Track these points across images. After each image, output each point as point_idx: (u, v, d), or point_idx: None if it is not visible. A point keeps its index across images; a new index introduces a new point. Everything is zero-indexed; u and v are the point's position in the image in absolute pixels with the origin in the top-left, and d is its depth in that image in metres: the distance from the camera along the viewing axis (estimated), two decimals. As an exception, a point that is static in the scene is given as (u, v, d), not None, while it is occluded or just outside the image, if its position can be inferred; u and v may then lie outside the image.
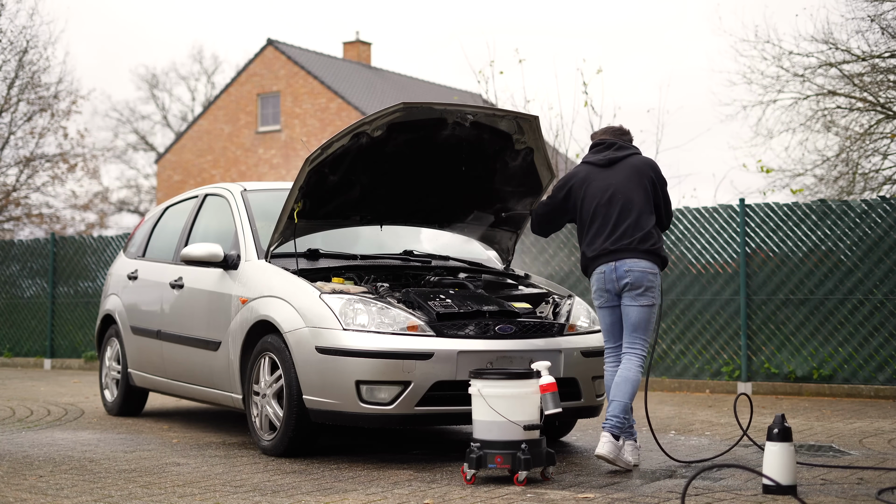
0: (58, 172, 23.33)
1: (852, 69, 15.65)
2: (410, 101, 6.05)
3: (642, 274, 5.57)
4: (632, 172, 5.71)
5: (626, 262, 5.57)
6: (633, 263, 5.58)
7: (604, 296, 5.67)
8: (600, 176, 5.74)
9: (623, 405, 5.48)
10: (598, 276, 5.67)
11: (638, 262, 5.58)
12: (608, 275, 5.61)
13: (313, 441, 6.09)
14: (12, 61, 20.91)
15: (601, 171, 5.76)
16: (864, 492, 4.84)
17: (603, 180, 5.71)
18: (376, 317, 5.80)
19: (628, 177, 5.69)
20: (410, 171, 6.65)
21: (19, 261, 15.53)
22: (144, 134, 47.07)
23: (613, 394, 5.54)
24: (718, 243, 10.60)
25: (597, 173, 5.76)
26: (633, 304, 5.61)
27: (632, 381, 5.53)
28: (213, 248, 6.78)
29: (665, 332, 10.77)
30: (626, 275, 5.56)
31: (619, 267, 5.58)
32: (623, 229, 5.60)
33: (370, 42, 37.63)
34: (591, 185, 5.73)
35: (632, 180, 5.68)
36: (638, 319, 5.60)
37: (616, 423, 5.45)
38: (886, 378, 9.59)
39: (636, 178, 5.69)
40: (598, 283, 5.67)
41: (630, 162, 5.76)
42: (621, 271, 5.57)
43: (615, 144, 5.84)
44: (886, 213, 9.73)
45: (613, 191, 5.65)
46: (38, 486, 5.17)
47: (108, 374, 8.52)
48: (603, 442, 5.42)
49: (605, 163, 5.77)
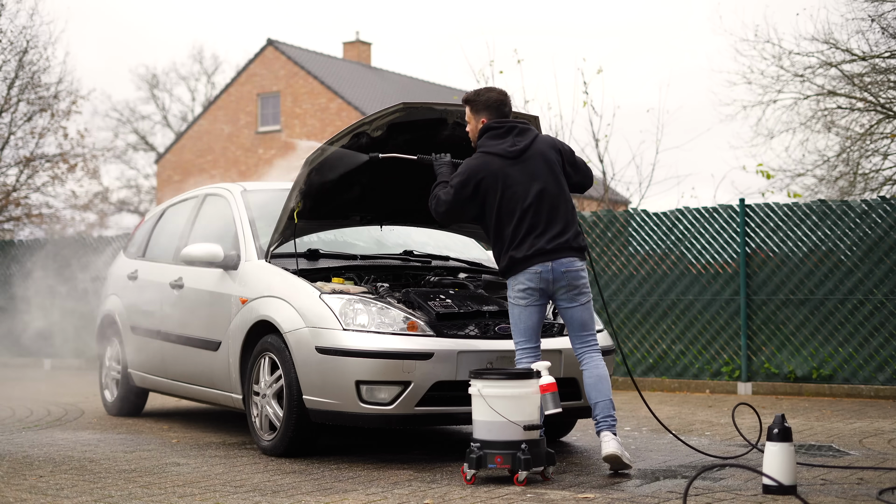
0: (58, 172, 23.32)
1: (852, 69, 15.66)
2: (410, 101, 6.05)
3: (577, 273, 5.48)
4: (544, 162, 5.48)
5: (562, 262, 5.44)
6: (570, 262, 5.46)
7: (534, 295, 5.48)
8: (515, 171, 5.46)
9: (610, 402, 5.46)
10: (530, 276, 5.43)
11: (573, 261, 5.47)
12: (544, 275, 5.43)
13: (313, 441, 6.08)
14: (12, 61, 20.91)
15: (514, 165, 5.46)
16: (864, 492, 4.84)
17: (521, 176, 5.45)
18: (376, 317, 5.80)
19: (544, 168, 5.47)
20: (410, 171, 6.64)
21: (19, 261, 15.53)
22: (144, 134, 47.06)
23: (595, 395, 5.46)
24: (718, 243, 10.60)
25: (510, 168, 5.46)
26: (573, 304, 5.50)
27: (606, 377, 5.51)
28: (213, 249, 6.78)
29: (665, 332, 10.77)
30: (563, 276, 5.44)
31: (556, 267, 5.43)
32: (557, 228, 5.44)
33: (370, 42, 37.65)
34: (509, 182, 5.45)
35: (549, 171, 5.48)
36: (584, 318, 5.54)
37: (611, 421, 5.42)
38: (886, 378, 9.59)
39: (550, 167, 5.49)
40: (531, 282, 5.44)
41: (537, 149, 5.50)
42: (559, 272, 5.43)
43: (515, 128, 5.54)
44: (886, 213, 9.73)
45: (539, 189, 5.44)
46: (38, 486, 5.17)
47: (108, 374, 8.52)
48: (607, 441, 5.35)
49: (514, 154, 5.47)
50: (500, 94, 5.63)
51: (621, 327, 10.99)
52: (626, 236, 11.16)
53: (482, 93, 5.64)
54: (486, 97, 5.61)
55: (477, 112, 5.64)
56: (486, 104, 5.61)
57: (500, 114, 5.60)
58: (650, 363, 10.84)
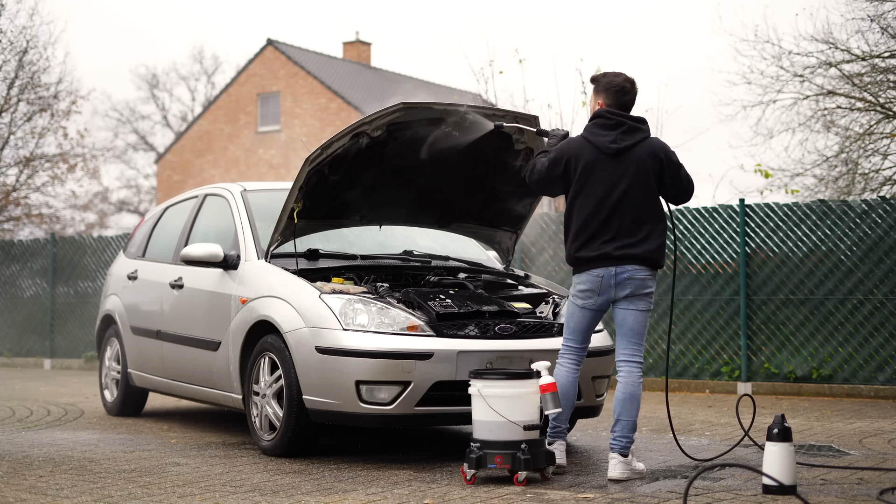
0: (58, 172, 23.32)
1: (852, 69, 15.65)
2: (410, 101, 6.05)
3: (642, 281, 5.29)
4: (640, 169, 5.26)
5: (626, 269, 5.27)
6: (634, 271, 5.28)
7: (592, 297, 5.35)
8: (607, 168, 5.27)
9: (632, 424, 5.27)
10: (591, 278, 5.31)
11: (638, 269, 5.28)
12: (606, 280, 5.29)
13: (313, 441, 6.08)
14: (12, 61, 20.91)
15: (608, 162, 5.28)
16: (864, 492, 4.83)
17: (610, 174, 5.26)
18: (376, 317, 5.80)
19: (637, 174, 5.26)
20: (410, 171, 6.64)
21: (19, 261, 15.54)
22: (144, 134, 47.06)
23: (620, 412, 5.26)
24: (718, 243, 10.60)
25: (603, 163, 5.28)
26: (632, 307, 5.32)
27: (638, 397, 5.29)
28: (213, 249, 6.78)
29: (665, 333, 10.77)
30: (627, 283, 5.27)
31: (619, 273, 5.28)
32: (630, 236, 5.26)
33: (370, 42, 37.65)
34: (596, 176, 5.28)
35: (640, 178, 5.26)
36: (638, 325, 5.34)
37: (626, 443, 5.24)
38: (886, 378, 9.59)
39: (643, 177, 5.27)
40: (590, 284, 5.32)
41: (638, 154, 5.28)
42: (621, 278, 5.27)
43: (624, 124, 5.32)
44: (886, 213, 9.73)
45: (622, 192, 5.25)
46: (38, 486, 5.17)
47: (108, 374, 8.52)
48: (614, 465, 5.24)
49: (612, 152, 5.27)
50: (626, 80, 5.40)
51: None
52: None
53: (608, 75, 5.43)
54: (609, 80, 5.40)
55: (597, 93, 5.45)
56: (607, 87, 5.39)
57: (618, 101, 5.38)
58: (650, 363, 10.84)
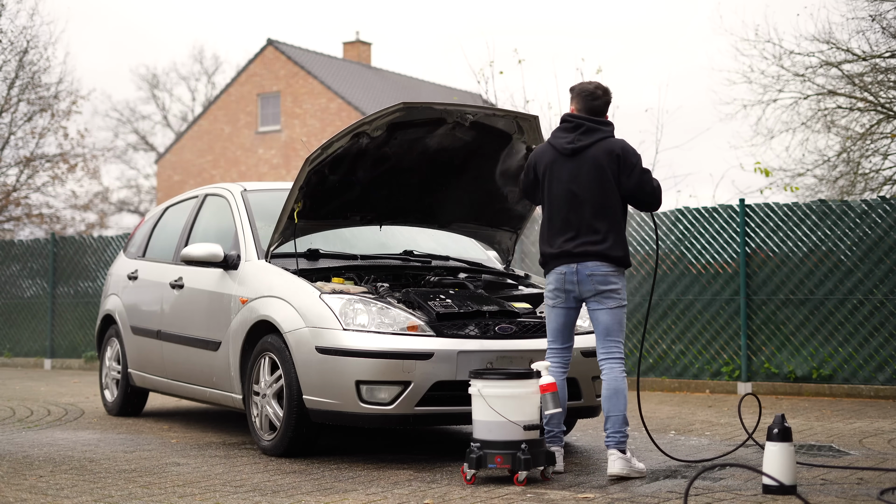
0: (58, 172, 23.33)
1: (853, 69, 15.65)
2: (410, 101, 6.06)
3: (604, 277, 5.37)
4: (593, 167, 5.37)
5: (587, 266, 5.37)
6: (596, 267, 5.37)
7: (560, 296, 5.46)
8: (563, 168, 5.43)
9: (622, 418, 5.33)
10: (556, 276, 5.44)
11: (600, 265, 5.37)
12: (568, 277, 5.40)
13: (313, 441, 6.09)
14: (12, 61, 20.92)
15: (564, 162, 5.43)
16: (864, 492, 4.84)
17: (567, 173, 5.42)
18: (376, 317, 5.80)
19: (590, 173, 5.37)
20: (410, 171, 6.65)
21: (19, 261, 15.54)
22: (144, 134, 47.08)
23: (608, 408, 5.35)
24: (718, 243, 10.60)
25: (560, 163, 5.45)
26: (600, 307, 5.40)
27: (623, 391, 5.36)
28: (214, 249, 6.78)
29: (665, 332, 10.77)
30: (589, 279, 5.37)
31: (580, 270, 5.38)
32: (584, 232, 5.38)
33: (370, 42, 37.66)
34: (553, 176, 5.46)
35: (593, 177, 5.37)
36: (609, 323, 5.40)
37: (620, 437, 5.30)
38: (886, 378, 9.59)
39: (597, 174, 5.37)
40: (556, 282, 5.45)
41: (593, 154, 5.38)
42: (583, 275, 5.38)
43: (582, 126, 5.44)
44: (886, 213, 9.73)
45: (574, 190, 5.39)
46: (38, 486, 5.17)
47: (108, 374, 8.52)
48: (613, 460, 5.27)
49: (568, 152, 5.41)
50: (597, 87, 5.52)
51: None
52: (626, 236, 11.15)
53: (581, 83, 5.56)
54: (581, 86, 5.53)
55: (571, 100, 5.57)
56: (578, 93, 5.52)
57: (587, 105, 5.49)
58: (650, 363, 10.83)
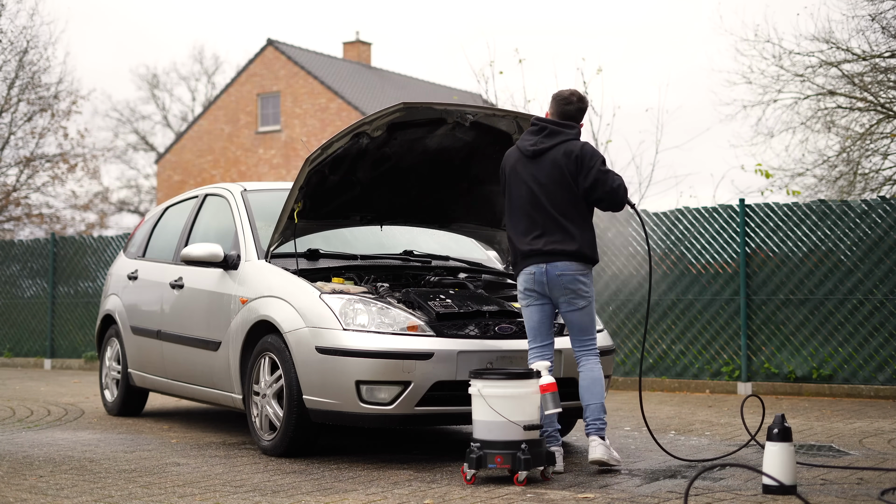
0: (58, 172, 23.34)
1: (853, 69, 15.65)
2: (410, 101, 6.06)
3: (573, 277, 5.47)
4: (552, 169, 5.47)
5: (557, 266, 5.46)
6: (565, 266, 5.46)
7: (531, 295, 5.56)
8: (527, 168, 5.54)
9: (601, 405, 5.49)
10: (525, 277, 5.54)
11: (569, 264, 5.47)
12: (537, 277, 5.49)
13: (313, 441, 6.09)
14: (13, 61, 20.93)
15: (527, 164, 5.55)
16: (865, 492, 4.83)
17: (529, 173, 5.52)
18: (376, 317, 5.80)
19: (549, 174, 5.48)
20: (410, 170, 6.65)
21: (19, 261, 15.54)
22: (144, 134, 47.08)
23: (587, 398, 5.50)
24: (718, 243, 10.60)
25: (522, 164, 5.56)
26: (571, 309, 5.53)
27: (600, 380, 5.54)
28: (214, 249, 6.78)
29: (665, 332, 10.77)
30: (558, 279, 5.46)
31: (550, 270, 5.47)
32: (549, 231, 5.47)
33: (370, 42, 37.67)
34: (518, 177, 5.56)
35: (552, 178, 5.47)
36: (581, 323, 5.56)
37: (599, 425, 5.46)
38: (886, 378, 9.59)
39: (556, 175, 5.47)
40: (526, 282, 5.54)
41: (553, 156, 5.49)
42: (553, 275, 5.46)
43: (545, 129, 5.57)
44: (886, 213, 9.73)
45: (535, 191, 5.49)
46: (38, 486, 5.17)
47: (108, 374, 8.52)
48: (594, 446, 5.42)
49: (530, 154, 5.53)
50: (571, 93, 5.63)
51: (621, 327, 10.99)
52: (626, 236, 11.16)
53: (561, 89, 5.70)
54: (558, 92, 5.66)
55: (550, 107, 5.70)
56: (554, 97, 5.65)
57: (559, 110, 5.61)
58: (650, 363, 10.83)
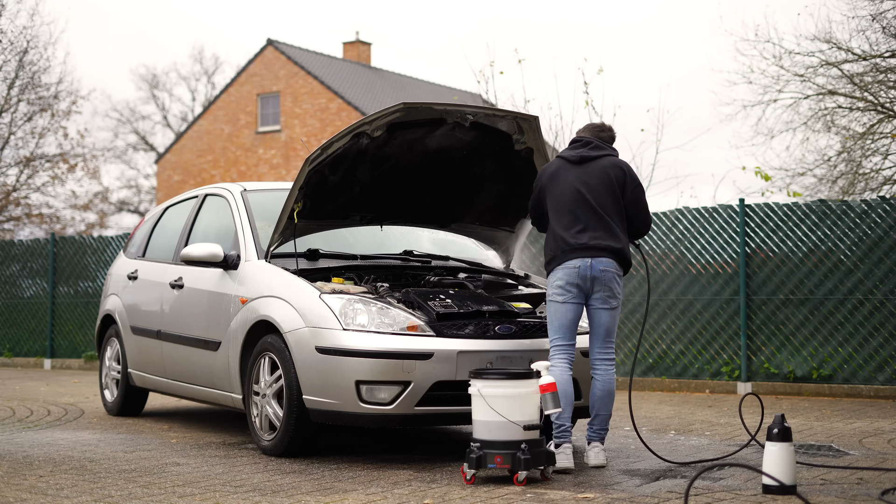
0: (58, 172, 23.35)
1: (853, 69, 15.65)
2: (410, 101, 6.06)
3: (613, 276, 5.60)
4: (601, 174, 5.64)
5: (601, 261, 5.56)
6: (608, 263, 5.58)
7: (572, 291, 5.59)
8: (571, 171, 5.68)
9: (609, 417, 5.71)
10: (568, 271, 5.57)
11: (611, 262, 5.59)
12: (581, 271, 5.55)
13: (313, 441, 6.09)
14: (13, 61, 20.93)
15: (572, 168, 5.69)
16: (865, 492, 4.84)
17: (574, 176, 5.66)
18: (376, 317, 5.80)
19: (598, 177, 5.64)
20: (410, 170, 6.65)
21: (19, 261, 15.54)
22: (144, 134, 47.08)
23: (599, 408, 5.67)
24: (718, 243, 10.60)
25: (567, 169, 5.70)
26: (604, 307, 5.61)
27: (613, 392, 5.70)
28: (213, 249, 6.78)
29: (665, 332, 10.77)
30: (602, 274, 5.55)
31: (595, 265, 5.55)
32: (592, 227, 5.58)
33: (370, 42, 37.66)
34: (560, 179, 5.68)
35: (601, 182, 5.63)
36: (611, 323, 5.66)
37: (604, 434, 5.71)
38: (886, 378, 9.59)
39: (605, 180, 5.63)
40: (568, 277, 5.57)
41: (601, 163, 5.68)
42: (597, 269, 5.55)
43: (591, 143, 5.77)
44: (886, 213, 9.73)
45: (581, 190, 5.61)
46: (38, 486, 5.17)
47: (108, 374, 8.52)
48: (596, 453, 5.63)
49: (577, 159, 5.70)
50: (603, 124, 5.94)
51: (621, 327, 10.99)
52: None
53: (591, 122, 6.06)
54: (590, 123, 5.98)
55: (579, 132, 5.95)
56: (587, 127, 5.92)
57: (594, 134, 5.86)
58: (650, 363, 10.83)
